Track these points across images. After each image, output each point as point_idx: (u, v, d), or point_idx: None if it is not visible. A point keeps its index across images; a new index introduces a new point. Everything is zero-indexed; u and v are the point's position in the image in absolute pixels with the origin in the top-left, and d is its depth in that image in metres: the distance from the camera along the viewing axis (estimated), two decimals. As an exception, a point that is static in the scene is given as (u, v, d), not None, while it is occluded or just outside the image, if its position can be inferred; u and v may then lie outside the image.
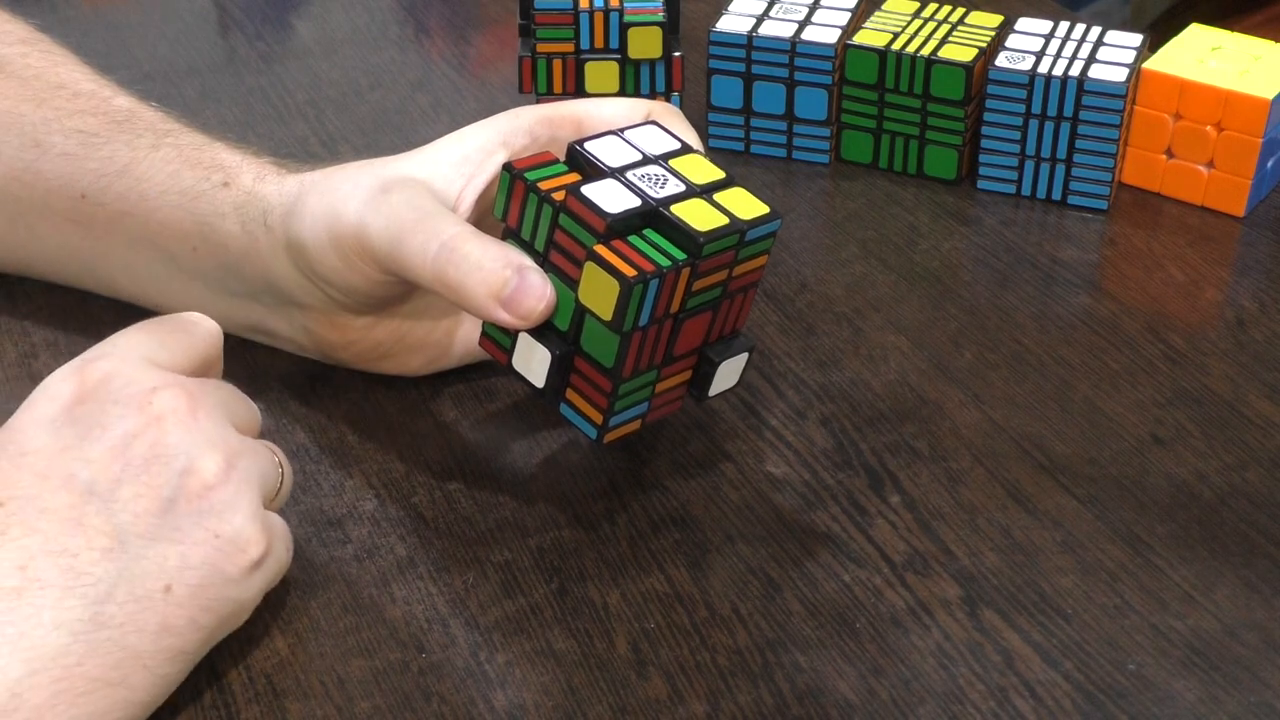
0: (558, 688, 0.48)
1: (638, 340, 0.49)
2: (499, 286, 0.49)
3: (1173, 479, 0.57)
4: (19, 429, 0.46)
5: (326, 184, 0.54)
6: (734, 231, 0.49)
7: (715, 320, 0.51)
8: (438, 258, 0.50)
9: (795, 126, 0.76)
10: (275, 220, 0.55)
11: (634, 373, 0.50)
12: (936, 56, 0.72)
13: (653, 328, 0.49)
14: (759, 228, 0.50)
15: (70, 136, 0.60)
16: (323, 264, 0.54)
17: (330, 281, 0.55)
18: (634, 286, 0.47)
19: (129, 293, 0.62)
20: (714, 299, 0.51)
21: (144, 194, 0.59)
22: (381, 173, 0.53)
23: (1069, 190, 0.73)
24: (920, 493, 0.56)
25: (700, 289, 0.50)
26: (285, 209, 0.55)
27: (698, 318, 0.51)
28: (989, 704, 0.47)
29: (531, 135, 0.54)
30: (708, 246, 0.49)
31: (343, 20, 0.92)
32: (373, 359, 0.59)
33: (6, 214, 0.62)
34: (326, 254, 0.53)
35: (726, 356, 0.52)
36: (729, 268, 0.50)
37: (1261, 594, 0.52)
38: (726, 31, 0.75)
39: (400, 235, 0.51)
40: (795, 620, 0.50)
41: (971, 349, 0.64)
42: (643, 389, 0.51)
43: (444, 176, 0.54)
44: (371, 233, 0.52)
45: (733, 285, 0.51)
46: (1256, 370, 0.62)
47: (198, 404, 0.47)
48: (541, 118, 0.55)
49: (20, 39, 0.65)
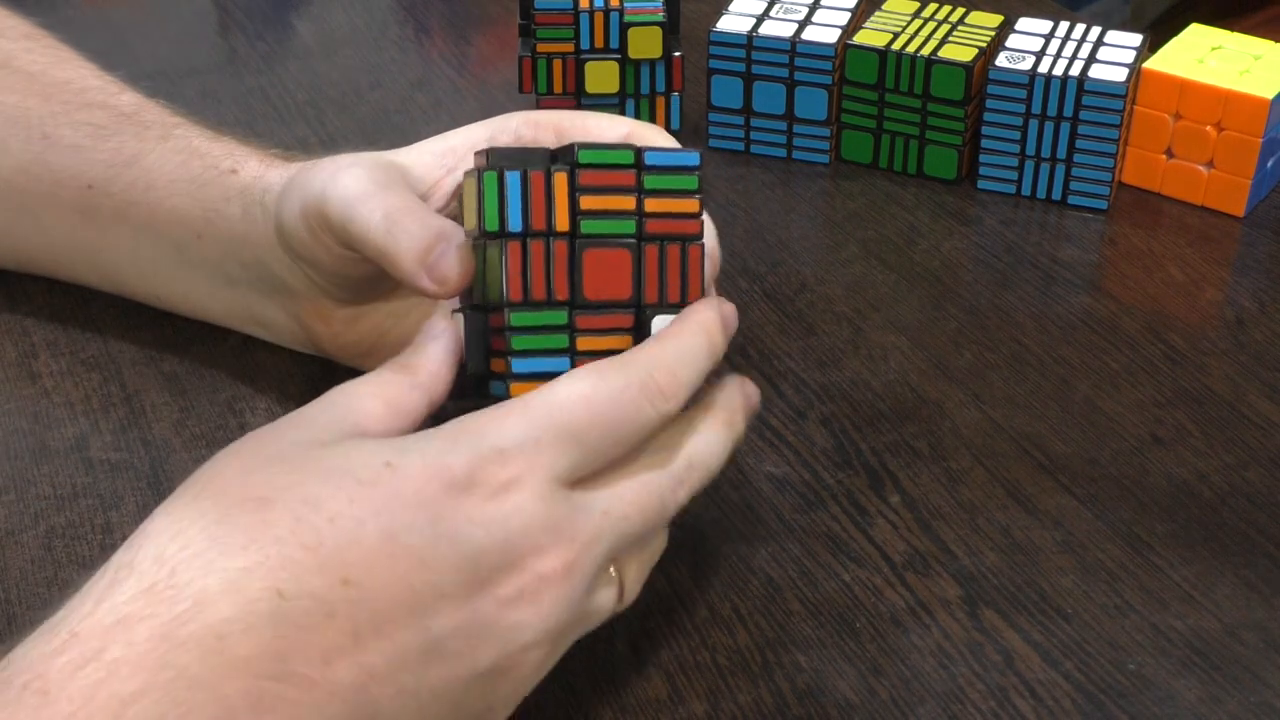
0: (558, 687, 0.48)
1: (517, 254, 0.45)
2: (424, 253, 0.47)
3: (1173, 479, 0.57)
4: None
5: (310, 169, 0.54)
6: (625, 148, 0.46)
7: (644, 271, 0.47)
8: (378, 227, 0.49)
9: (795, 126, 0.76)
10: (271, 200, 0.56)
11: (525, 296, 0.45)
12: (936, 56, 0.72)
13: (538, 243, 0.45)
14: (665, 155, 0.47)
15: (79, 129, 0.61)
16: (295, 238, 0.54)
17: (303, 258, 0.54)
18: (484, 174, 0.45)
19: (132, 285, 0.62)
20: (626, 234, 0.46)
21: (152, 183, 0.59)
22: (362, 157, 0.53)
23: (1069, 190, 0.73)
24: (920, 493, 0.56)
25: (596, 210, 0.46)
26: (280, 190, 0.56)
27: (610, 252, 0.46)
28: (989, 704, 0.47)
29: (516, 136, 0.54)
30: (584, 153, 0.45)
31: (343, 20, 0.92)
32: (357, 354, 0.59)
33: (13, 206, 0.62)
34: (298, 228, 0.53)
35: (663, 313, 0.46)
36: (636, 195, 0.46)
37: (1261, 594, 0.52)
38: (726, 31, 0.75)
39: (352, 205, 0.50)
40: (795, 620, 0.50)
41: (971, 349, 0.64)
42: (554, 333, 0.45)
43: (424, 165, 0.54)
44: (329, 202, 0.51)
45: (652, 226, 0.47)
46: (1256, 370, 0.62)
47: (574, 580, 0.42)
48: (528, 120, 0.55)
49: (24, 34, 0.66)
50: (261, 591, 0.38)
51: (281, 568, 0.38)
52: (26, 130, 0.61)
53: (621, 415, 0.43)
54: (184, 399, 0.60)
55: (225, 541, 0.38)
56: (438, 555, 0.40)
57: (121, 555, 0.39)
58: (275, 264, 0.56)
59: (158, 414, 0.59)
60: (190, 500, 0.40)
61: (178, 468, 0.56)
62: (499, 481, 0.41)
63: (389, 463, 0.40)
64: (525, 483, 0.41)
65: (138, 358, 0.62)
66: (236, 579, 0.38)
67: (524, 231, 0.45)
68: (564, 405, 0.42)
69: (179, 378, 0.61)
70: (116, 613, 0.37)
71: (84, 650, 0.36)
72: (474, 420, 0.42)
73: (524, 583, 0.41)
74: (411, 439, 0.42)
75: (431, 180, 0.54)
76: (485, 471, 0.41)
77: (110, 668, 0.36)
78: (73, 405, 0.60)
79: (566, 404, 0.42)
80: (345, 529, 0.39)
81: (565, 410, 0.42)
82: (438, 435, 0.42)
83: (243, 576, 0.38)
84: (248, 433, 0.43)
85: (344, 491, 0.39)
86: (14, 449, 0.57)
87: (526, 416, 0.42)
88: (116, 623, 0.37)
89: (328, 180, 0.52)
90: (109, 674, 0.36)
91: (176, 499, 0.40)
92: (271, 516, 0.39)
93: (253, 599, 0.37)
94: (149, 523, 0.40)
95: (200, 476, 0.41)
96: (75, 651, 0.36)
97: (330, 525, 0.39)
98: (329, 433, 0.42)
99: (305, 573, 0.38)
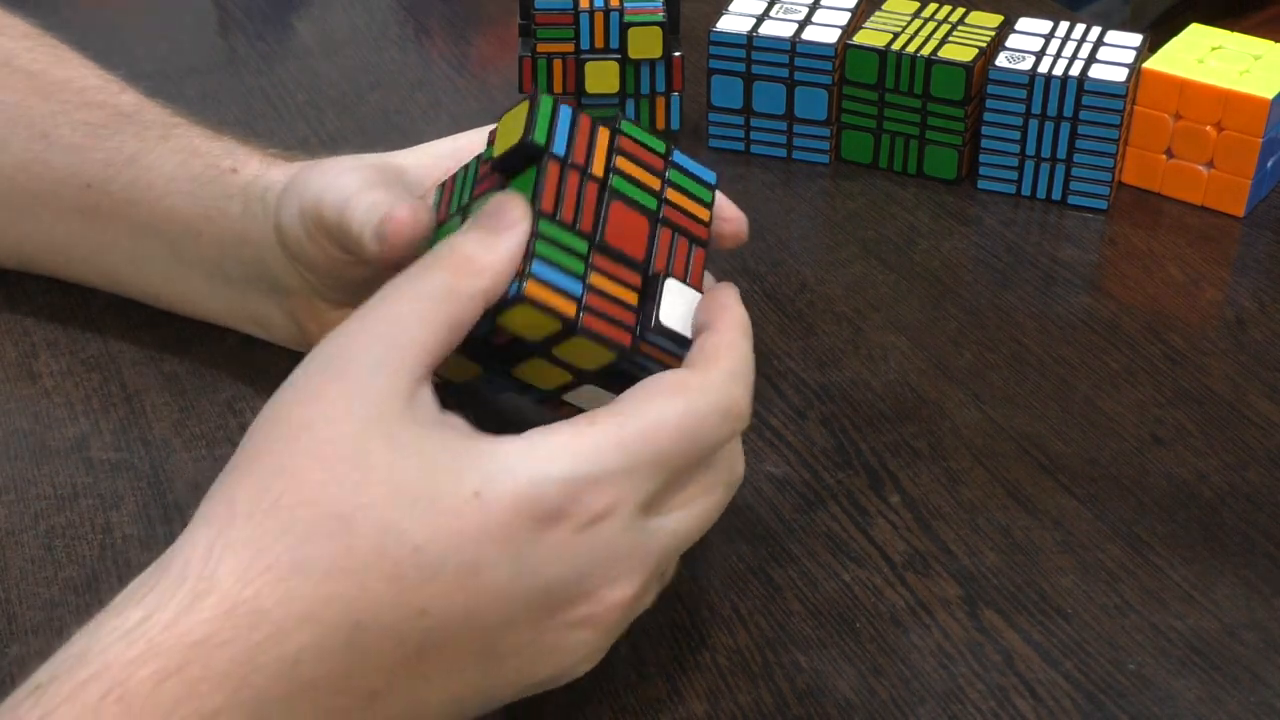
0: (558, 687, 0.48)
1: (555, 173, 0.46)
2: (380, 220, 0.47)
3: (1173, 479, 0.57)
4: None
5: (310, 170, 0.54)
6: (659, 138, 0.49)
7: (657, 244, 0.48)
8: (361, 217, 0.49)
9: (795, 126, 0.76)
10: (271, 198, 0.56)
11: (555, 212, 0.45)
12: (936, 56, 0.72)
13: (573, 174, 0.46)
14: (690, 161, 0.49)
15: (78, 128, 0.61)
16: (292, 239, 0.54)
17: (299, 259, 0.55)
18: (542, 96, 0.46)
19: (131, 284, 0.63)
20: (648, 208, 0.48)
21: (151, 183, 0.59)
22: (362, 159, 0.54)
23: (1069, 190, 0.73)
24: (920, 493, 0.56)
25: (627, 174, 0.47)
26: (280, 190, 0.56)
27: (633, 214, 0.47)
28: (989, 704, 0.47)
29: None
30: (626, 125, 0.48)
31: (343, 20, 0.92)
32: None
33: (13, 206, 0.62)
34: (295, 229, 0.54)
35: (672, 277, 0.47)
36: (660, 178, 0.48)
37: (1261, 594, 0.52)
38: (726, 31, 0.75)
39: (342, 206, 0.50)
40: (795, 620, 0.50)
41: (971, 349, 0.64)
42: (572, 257, 0.45)
43: (423, 166, 0.54)
44: (324, 206, 0.51)
45: (668, 212, 0.48)
46: (1256, 370, 0.62)
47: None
48: None
49: (24, 34, 0.66)
50: (340, 622, 0.38)
51: (361, 599, 0.38)
52: (27, 129, 0.61)
53: (708, 440, 0.43)
54: (184, 399, 0.60)
55: (308, 569, 0.38)
56: (515, 589, 0.40)
57: (201, 563, 0.38)
58: (273, 263, 0.57)
59: (158, 414, 0.59)
60: (271, 509, 0.39)
61: (178, 468, 0.56)
62: (591, 514, 0.40)
63: (477, 493, 0.39)
64: (615, 514, 0.41)
65: (138, 358, 0.62)
66: (317, 610, 0.38)
67: (565, 157, 0.46)
68: (657, 431, 0.41)
69: (179, 378, 0.61)
70: (198, 632, 0.37)
71: (165, 665, 0.37)
72: (567, 439, 0.41)
73: (593, 610, 0.41)
74: (501, 457, 0.40)
75: (430, 182, 0.54)
76: (578, 504, 0.40)
77: (190, 686, 0.37)
78: (73, 405, 0.60)
79: (660, 430, 0.41)
80: (428, 563, 0.39)
81: (659, 437, 0.41)
82: (529, 456, 0.40)
83: (323, 607, 0.38)
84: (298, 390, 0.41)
85: (428, 523, 0.39)
86: (14, 449, 0.57)
87: (623, 443, 0.41)
88: (198, 642, 0.37)
89: (325, 184, 0.52)
90: (189, 692, 0.37)
91: (257, 505, 0.39)
92: (354, 543, 0.38)
93: (331, 629, 0.38)
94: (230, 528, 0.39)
95: (281, 473, 0.39)
96: (157, 665, 0.37)
97: (413, 557, 0.39)
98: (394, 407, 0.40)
99: (384, 606, 0.38)
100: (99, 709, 0.36)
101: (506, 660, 0.41)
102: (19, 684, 0.48)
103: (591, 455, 0.40)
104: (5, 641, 0.49)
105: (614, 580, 0.41)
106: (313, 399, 0.41)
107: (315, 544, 0.38)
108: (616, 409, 0.42)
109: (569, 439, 0.41)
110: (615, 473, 0.40)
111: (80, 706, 0.36)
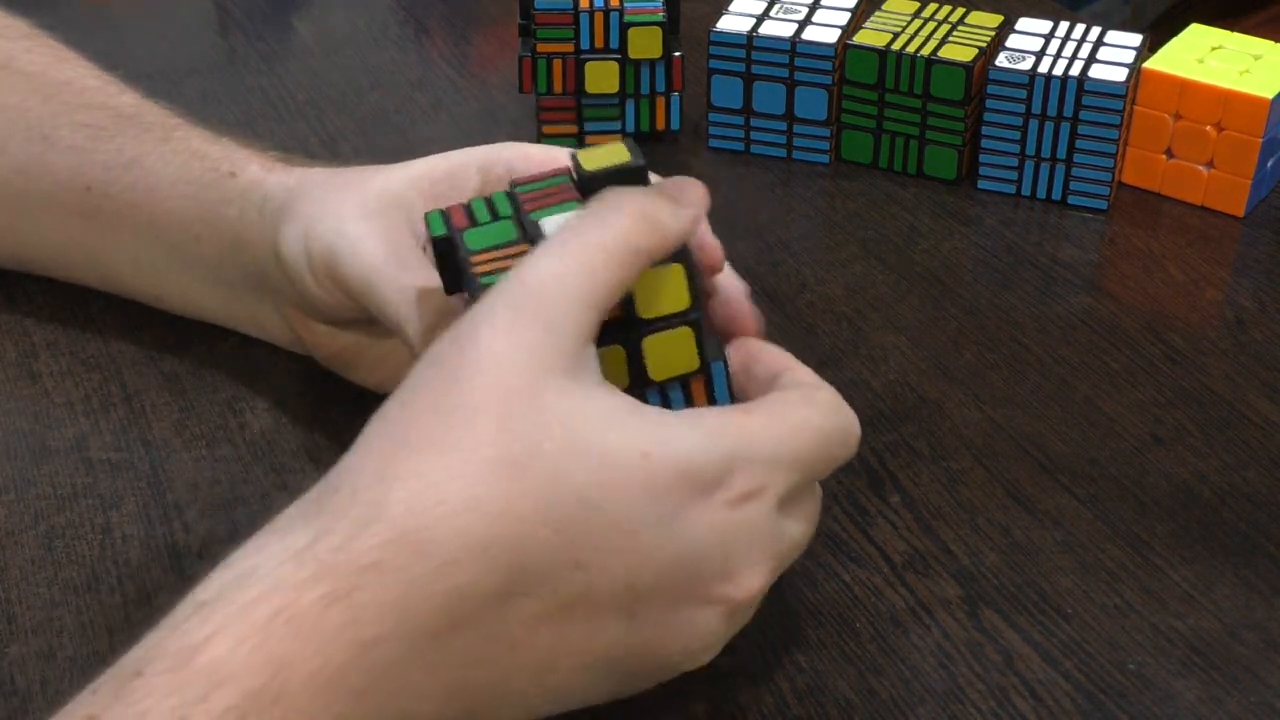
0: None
1: None
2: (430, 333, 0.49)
3: (1173, 479, 0.57)
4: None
5: (315, 195, 0.55)
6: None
7: None
8: (394, 308, 0.50)
9: (795, 126, 0.76)
10: (270, 210, 0.56)
11: None
12: (936, 56, 0.72)
13: None
14: None
15: (78, 130, 0.61)
16: (294, 274, 0.55)
17: (301, 293, 0.55)
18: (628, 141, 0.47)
19: (130, 285, 0.63)
20: None
21: (151, 186, 0.59)
22: (366, 195, 0.54)
23: (1069, 190, 0.73)
24: (920, 493, 0.56)
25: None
26: (279, 203, 0.56)
27: None
28: (989, 704, 0.47)
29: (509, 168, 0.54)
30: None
31: (343, 20, 0.92)
32: (339, 365, 0.59)
33: (13, 208, 0.62)
34: (299, 267, 0.54)
35: None
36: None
37: (1261, 594, 0.52)
38: (726, 31, 0.75)
39: (370, 282, 0.51)
40: (795, 620, 0.50)
41: (971, 349, 0.64)
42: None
43: (425, 194, 0.54)
44: (342, 265, 0.52)
45: None
46: (1256, 370, 0.62)
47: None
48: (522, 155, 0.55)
49: (23, 34, 0.66)
50: (505, 563, 0.38)
51: (527, 542, 0.39)
52: (26, 131, 0.61)
53: (836, 455, 0.45)
54: (184, 399, 0.60)
55: (480, 508, 0.38)
56: (666, 553, 0.40)
57: (370, 489, 0.39)
58: (270, 270, 0.57)
59: (158, 414, 0.59)
60: (445, 447, 0.39)
61: (178, 468, 0.56)
62: (742, 491, 0.41)
63: (646, 454, 0.40)
64: (763, 497, 0.42)
65: (138, 358, 0.62)
66: (486, 547, 0.38)
67: None
68: (802, 432, 0.43)
69: (179, 378, 0.61)
70: (369, 556, 0.37)
71: (335, 588, 0.37)
72: (729, 419, 0.42)
73: (729, 591, 0.42)
74: (669, 424, 0.41)
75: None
76: (733, 480, 0.41)
77: (358, 610, 0.37)
78: (73, 405, 0.60)
79: (804, 432, 0.43)
80: (592, 514, 0.39)
81: (803, 437, 0.43)
82: (696, 428, 0.41)
83: (492, 545, 0.38)
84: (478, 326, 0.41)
85: (597, 477, 0.39)
86: (14, 449, 0.57)
87: (775, 436, 0.42)
88: (369, 566, 0.37)
89: (336, 238, 0.52)
90: (355, 616, 0.37)
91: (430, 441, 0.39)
92: (526, 487, 0.39)
93: (496, 568, 0.38)
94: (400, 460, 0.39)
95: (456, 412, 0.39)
96: (327, 587, 0.37)
97: (579, 506, 0.39)
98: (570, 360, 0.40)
99: (547, 550, 0.39)
100: (268, 628, 0.36)
101: (643, 630, 0.41)
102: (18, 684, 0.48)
103: (749, 438, 0.42)
104: (5, 642, 0.49)
105: (753, 564, 0.42)
106: (495, 337, 0.40)
107: (488, 485, 0.38)
108: (763, 406, 0.44)
109: (730, 419, 0.42)
110: (767, 459, 0.42)
111: (248, 625, 0.36)
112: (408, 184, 0.54)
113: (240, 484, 0.56)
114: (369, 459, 0.40)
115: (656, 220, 0.43)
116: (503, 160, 0.54)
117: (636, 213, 0.42)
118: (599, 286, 0.41)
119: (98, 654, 0.49)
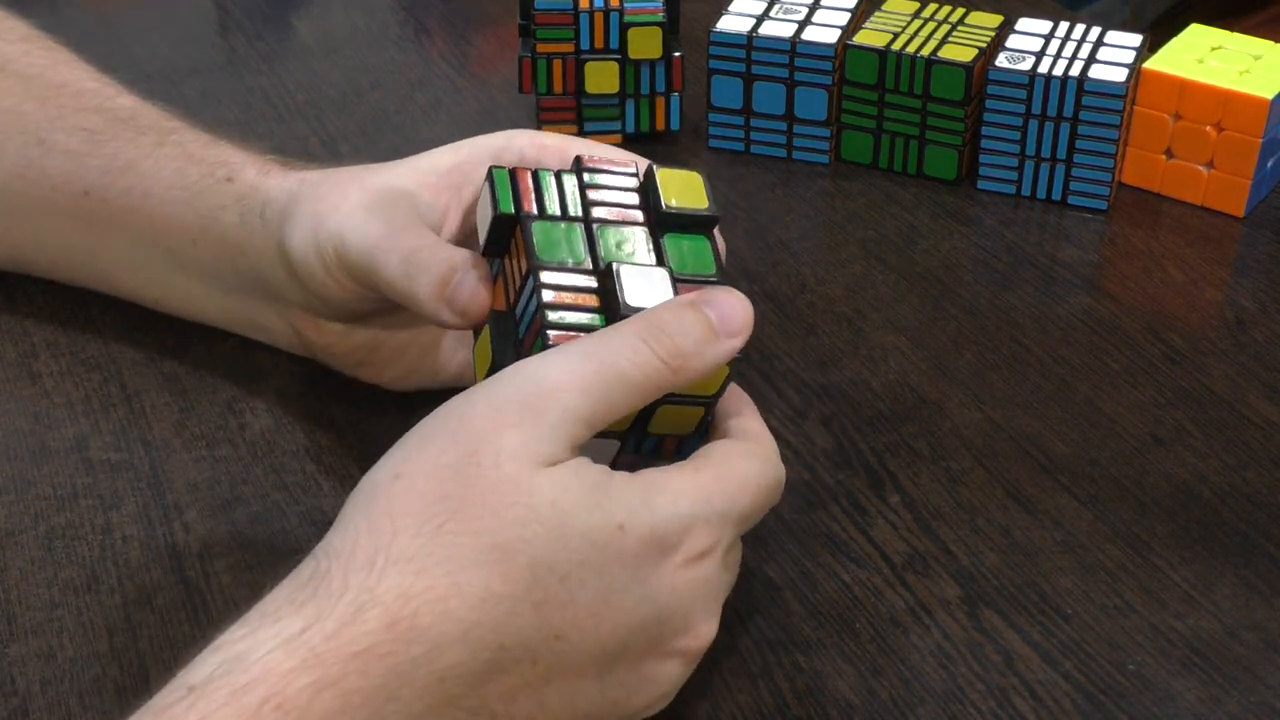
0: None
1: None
2: (441, 287, 0.49)
3: (1173, 479, 0.57)
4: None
5: (318, 192, 0.54)
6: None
7: None
8: (398, 270, 0.50)
9: (795, 126, 0.76)
10: (271, 215, 0.56)
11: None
12: (936, 56, 0.72)
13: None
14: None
15: (74, 134, 0.60)
16: (306, 272, 0.54)
17: (311, 290, 0.55)
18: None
19: (128, 289, 0.62)
20: None
21: (148, 190, 0.59)
22: (369, 185, 0.53)
23: (1069, 190, 0.73)
24: (920, 493, 0.56)
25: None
26: (281, 207, 0.55)
27: None
28: (989, 704, 0.47)
29: (521, 157, 0.54)
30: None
31: (343, 20, 0.92)
32: (350, 364, 0.59)
33: (9, 212, 0.62)
34: (311, 264, 0.54)
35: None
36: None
37: (1261, 594, 0.52)
38: (726, 31, 0.75)
39: (372, 253, 0.51)
40: (795, 620, 0.50)
41: (971, 349, 0.64)
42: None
43: (431, 188, 0.54)
44: (349, 248, 0.52)
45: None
46: (1256, 370, 0.62)
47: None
48: (535, 143, 0.55)
49: (21, 36, 0.65)
50: (488, 645, 0.40)
51: (508, 622, 0.40)
52: (22, 135, 0.61)
53: (768, 504, 0.46)
54: (184, 399, 0.60)
55: (465, 592, 0.39)
56: (636, 615, 0.42)
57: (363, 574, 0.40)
58: (272, 275, 0.56)
59: (158, 414, 0.59)
60: (435, 533, 0.40)
61: (177, 468, 0.56)
62: (700, 550, 0.43)
63: (621, 525, 0.42)
64: (714, 553, 0.44)
65: (138, 358, 0.62)
66: (469, 631, 0.40)
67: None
68: (745, 486, 0.45)
69: (179, 378, 0.61)
70: (359, 643, 0.39)
71: (325, 675, 0.38)
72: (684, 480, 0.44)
73: (689, 643, 0.44)
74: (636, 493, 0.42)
75: (440, 206, 0.54)
76: (690, 539, 0.43)
77: (346, 697, 0.38)
78: (73, 405, 0.60)
79: (747, 485, 0.45)
80: (571, 589, 0.41)
81: (746, 491, 0.45)
82: (663, 492, 0.43)
83: (475, 630, 0.40)
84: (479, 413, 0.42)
85: (578, 554, 0.41)
86: (14, 449, 0.57)
87: (725, 492, 0.44)
88: (359, 653, 0.38)
89: (343, 222, 0.52)
90: (344, 703, 0.38)
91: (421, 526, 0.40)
92: (510, 572, 0.40)
93: (479, 650, 0.40)
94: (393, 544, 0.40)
95: (448, 500, 0.41)
96: (316, 675, 0.38)
97: (559, 585, 0.41)
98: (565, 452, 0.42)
99: (528, 628, 0.40)
100: (258, 715, 0.37)
101: (615, 688, 0.43)
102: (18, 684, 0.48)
103: (705, 498, 0.44)
104: (5, 642, 0.49)
105: (709, 616, 0.44)
106: (496, 431, 0.42)
107: (473, 571, 0.40)
108: (712, 461, 0.45)
109: (687, 481, 0.44)
110: (719, 516, 0.44)
111: (238, 710, 0.37)
112: (412, 178, 0.54)
113: (240, 484, 0.56)
114: (362, 541, 0.40)
115: (686, 367, 0.44)
116: (515, 148, 0.54)
117: (669, 353, 0.44)
118: (609, 414, 0.43)
119: (98, 654, 0.49)
